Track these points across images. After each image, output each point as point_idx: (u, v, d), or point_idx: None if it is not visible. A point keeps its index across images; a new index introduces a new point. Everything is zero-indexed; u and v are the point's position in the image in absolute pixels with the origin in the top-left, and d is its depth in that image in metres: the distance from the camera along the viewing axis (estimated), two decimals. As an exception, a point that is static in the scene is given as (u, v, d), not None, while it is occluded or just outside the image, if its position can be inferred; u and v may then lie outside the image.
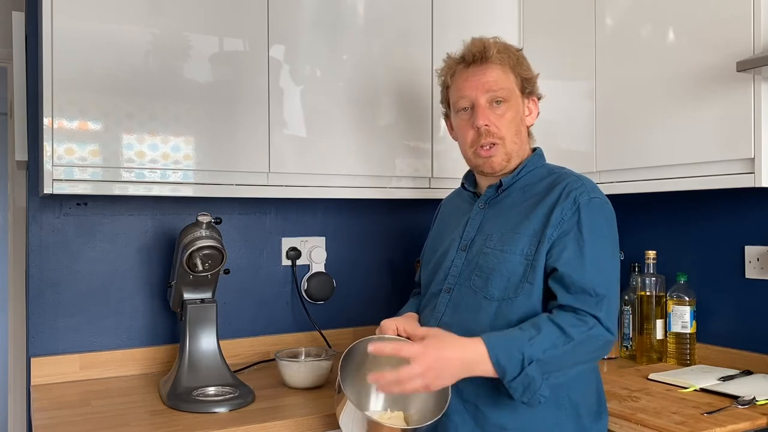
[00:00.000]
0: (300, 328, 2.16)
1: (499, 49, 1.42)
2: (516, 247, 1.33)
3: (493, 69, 1.41)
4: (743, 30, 1.53)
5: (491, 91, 1.40)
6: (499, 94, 1.40)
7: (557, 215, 1.31)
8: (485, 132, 1.40)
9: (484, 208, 1.44)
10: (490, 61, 1.41)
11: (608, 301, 1.28)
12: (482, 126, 1.40)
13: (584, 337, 1.24)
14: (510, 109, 1.41)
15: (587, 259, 1.28)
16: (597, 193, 1.35)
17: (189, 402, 1.57)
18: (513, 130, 1.42)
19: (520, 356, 1.20)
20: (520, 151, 1.44)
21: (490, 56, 1.41)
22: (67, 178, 1.58)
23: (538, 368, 1.21)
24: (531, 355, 1.20)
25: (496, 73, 1.41)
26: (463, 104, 1.43)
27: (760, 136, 1.51)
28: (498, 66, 1.42)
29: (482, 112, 1.40)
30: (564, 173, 1.40)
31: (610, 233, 1.35)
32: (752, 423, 1.43)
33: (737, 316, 1.90)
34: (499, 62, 1.41)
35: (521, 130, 1.44)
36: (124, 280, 1.94)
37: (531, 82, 1.46)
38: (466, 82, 1.43)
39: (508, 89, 1.41)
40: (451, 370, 1.20)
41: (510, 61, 1.43)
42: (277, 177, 1.82)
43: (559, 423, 1.30)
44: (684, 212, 2.05)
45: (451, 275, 1.42)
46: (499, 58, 1.41)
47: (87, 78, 1.59)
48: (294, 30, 1.84)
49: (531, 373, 1.20)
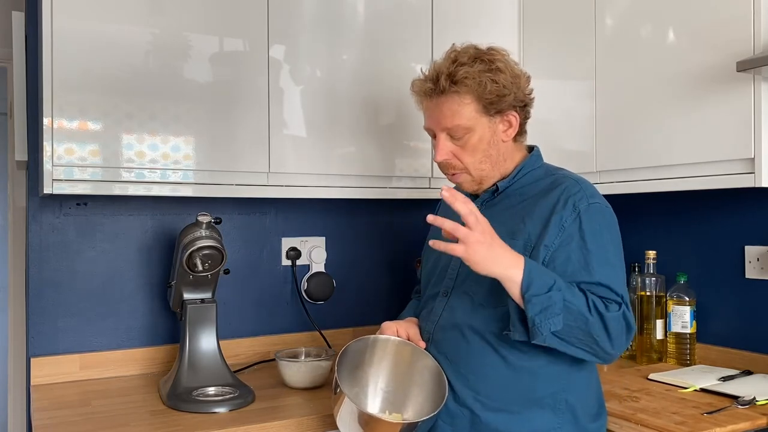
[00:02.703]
0: (300, 328, 2.16)
1: (454, 78, 1.32)
2: None
3: (446, 102, 1.34)
4: (743, 30, 1.53)
5: (446, 128, 1.35)
6: (455, 129, 1.34)
7: (556, 222, 1.28)
8: (444, 164, 1.39)
9: (480, 209, 1.43)
10: (443, 94, 1.34)
11: (625, 299, 1.26)
12: (439, 161, 1.39)
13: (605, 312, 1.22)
14: (472, 137, 1.35)
15: (595, 265, 1.26)
16: (596, 198, 1.32)
17: (189, 402, 1.57)
18: (478, 158, 1.36)
19: (551, 281, 1.20)
20: (494, 170, 1.39)
21: (442, 89, 1.34)
22: (67, 178, 1.58)
23: (562, 301, 1.19)
24: (561, 286, 1.20)
25: (450, 108, 1.34)
26: (429, 132, 1.42)
27: (760, 136, 1.51)
28: (454, 96, 1.33)
29: (441, 146, 1.37)
30: (561, 176, 1.37)
31: (614, 238, 1.32)
32: (752, 423, 1.43)
33: (737, 316, 1.90)
34: (453, 93, 1.33)
35: (490, 153, 1.37)
36: (124, 280, 1.94)
37: (502, 100, 1.34)
38: (426, 112, 1.41)
39: (465, 120, 1.33)
40: (494, 250, 1.19)
41: (469, 88, 1.32)
42: (277, 177, 1.82)
43: (558, 426, 1.30)
44: (684, 212, 2.05)
45: (448, 278, 1.41)
46: (454, 90, 1.32)
47: (87, 78, 1.59)
48: (294, 30, 1.84)
49: (555, 298, 1.18)
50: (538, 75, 1.45)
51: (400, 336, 1.41)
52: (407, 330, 1.42)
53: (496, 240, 1.21)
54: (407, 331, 1.42)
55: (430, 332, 1.40)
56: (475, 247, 1.18)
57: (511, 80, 1.35)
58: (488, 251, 1.19)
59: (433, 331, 1.39)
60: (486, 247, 1.19)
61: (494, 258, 1.19)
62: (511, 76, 1.35)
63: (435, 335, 1.39)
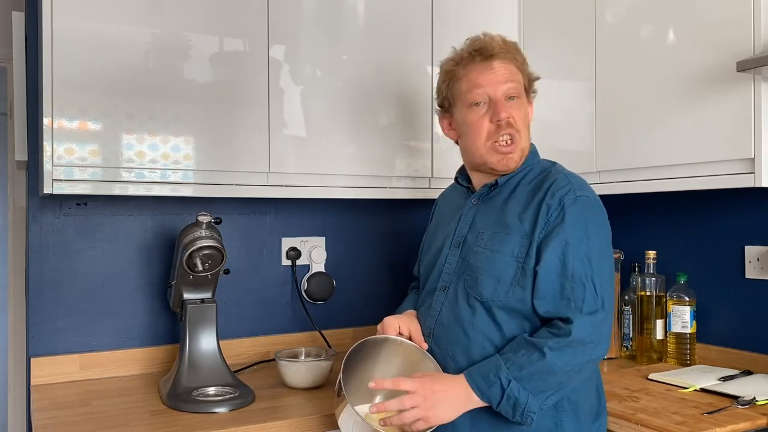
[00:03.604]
0: (300, 328, 2.16)
1: (511, 48, 1.41)
2: (506, 248, 1.32)
3: (507, 64, 1.40)
4: (743, 30, 1.53)
5: (510, 82, 1.38)
6: (515, 90, 1.39)
7: (543, 215, 1.30)
8: (506, 124, 1.37)
9: (477, 204, 1.44)
10: (507, 56, 1.40)
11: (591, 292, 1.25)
12: (505, 118, 1.36)
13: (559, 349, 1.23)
14: (522, 106, 1.41)
15: (570, 259, 1.27)
16: (584, 191, 1.33)
17: (189, 402, 1.57)
18: (526, 126, 1.42)
19: (497, 380, 1.24)
20: (527, 149, 1.43)
21: (508, 51, 1.40)
22: (67, 178, 1.58)
23: (519, 386, 1.22)
24: (508, 375, 1.23)
25: (513, 69, 1.40)
26: (477, 98, 1.38)
27: (760, 136, 1.51)
28: (513, 64, 1.41)
29: (502, 105, 1.38)
30: (553, 171, 1.39)
31: (598, 231, 1.32)
32: (752, 423, 1.43)
33: (737, 316, 1.90)
34: (514, 61, 1.41)
35: (528, 127, 1.44)
36: (124, 280, 1.94)
37: (533, 83, 1.46)
38: (481, 75, 1.38)
39: (521, 86, 1.41)
40: (445, 402, 1.26)
41: (521, 62, 1.43)
42: (277, 177, 1.82)
43: (558, 424, 1.30)
44: (684, 212, 2.05)
45: (446, 273, 1.42)
46: (513, 58, 1.41)
47: (87, 78, 1.59)
48: (294, 30, 1.84)
49: (513, 393, 1.22)
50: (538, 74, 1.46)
51: (402, 333, 1.42)
52: (409, 326, 1.43)
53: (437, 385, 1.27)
54: (409, 328, 1.43)
55: (430, 328, 1.41)
56: (431, 411, 1.25)
57: None
58: (442, 402, 1.25)
59: (433, 327, 1.40)
60: (438, 400, 1.25)
61: (450, 404, 1.26)
62: None
63: (435, 331, 1.40)
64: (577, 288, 1.26)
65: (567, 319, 1.25)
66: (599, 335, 1.27)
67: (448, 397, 1.26)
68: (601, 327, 1.27)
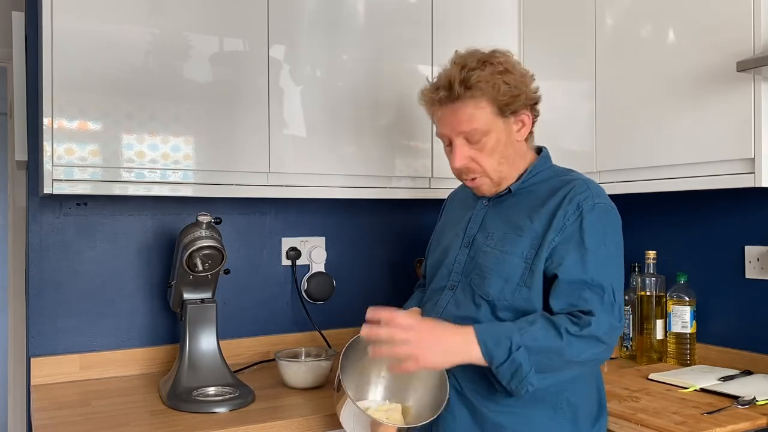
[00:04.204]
0: (300, 328, 2.16)
1: (468, 83, 1.31)
2: (516, 249, 1.32)
3: (462, 108, 1.33)
4: (743, 30, 1.53)
5: (463, 132, 1.34)
6: (472, 133, 1.34)
7: (559, 220, 1.30)
8: (463, 170, 1.38)
9: (488, 205, 1.44)
10: (459, 99, 1.32)
11: (609, 298, 1.26)
12: (456, 168, 1.38)
13: (576, 336, 1.22)
14: (490, 140, 1.34)
15: (589, 265, 1.27)
16: (602, 199, 1.33)
17: (189, 402, 1.57)
18: (495, 160, 1.36)
19: (508, 342, 1.20)
20: (511, 170, 1.40)
21: (457, 96, 1.32)
22: (67, 178, 1.58)
23: (527, 354, 1.20)
24: (519, 341, 1.20)
25: (466, 113, 1.33)
26: (444, 139, 1.40)
27: (760, 136, 1.51)
28: (468, 103, 1.32)
29: (459, 152, 1.35)
30: (571, 177, 1.38)
31: (615, 239, 1.32)
32: (752, 423, 1.43)
33: (737, 316, 1.90)
34: (469, 98, 1.32)
35: (507, 154, 1.37)
36: (124, 280, 1.94)
37: (516, 101, 1.34)
38: (440, 120, 1.38)
39: (482, 123, 1.33)
40: (441, 345, 1.22)
41: (484, 92, 1.31)
42: (277, 177, 1.82)
43: (557, 425, 1.30)
44: (684, 212, 2.05)
45: (455, 272, 1.41)
46: (469, 95, 1.32)
47: (87, 78, 1.59)
48: (294, 30, 1.84)
49: (518, 359, 1.20)
50: (538, 75, 1.45)
51: None
52: None
53: (436, 328, 1.25)
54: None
55: None
56: (423, 351, 1.20)
57: (521, 80, 1.36)
58: (437, 344, 1.22)
59: None
60: (433, 341, 1.22)
61: (446, 348, 1.22)
62: (520, 75, 1.36)
63: None
64: (596, 292, 1.26)
65: (589, 312, 1.24)
66: (611, 339, 1.27)
67: (444, 342, 1.23)
68: (615, 331, 1.27)
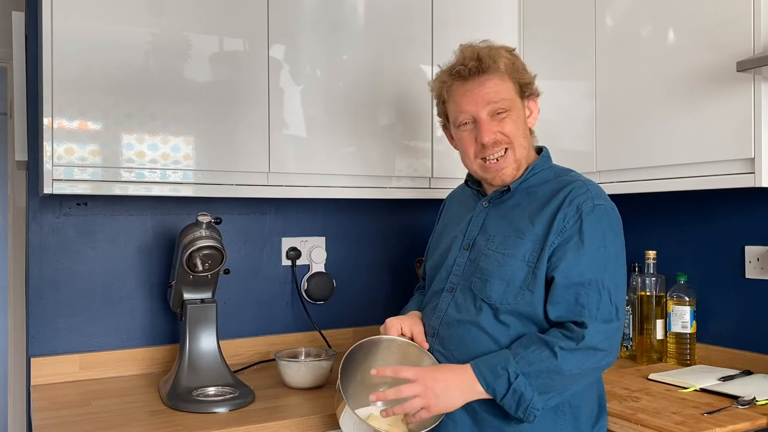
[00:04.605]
0: (300, 328, 2.16)
1: (494, 58, 1.36)
2: (518, 252, 1.32)
3: (491, 80, 1.36)
4: (743, 30, 1.53)
5: (492, 103, 1.35)
6: (501, 105, 1.36)
7: (559, 222, 1.29)
8: (491, 144, 1.36)
9: (488, 207, 1.43)
10: (487, 72, 1.36)
11: (606, 299, 1.26)
12: (488, 142, 1.36)
13: (570, 351, 1.23)
14: (513, 117, 1.37)
15: (587, 266, 1.27)
16: (602, 200, 1.33)
17: (189, 402, 1.57)
18: (520, 134, 1.38)
19: (506, 373, 1.23)
20: (527, 155, 1.41)
21: (486, 67, 1.35)
22: (67, 178, 1.58)
23: (526, 381, 1.22)
24: (516, 370, 1.23)
25: (494, 84, 1.36)
26: (464, 119, 1.39)
27: (760, 136, 1.51)
28: (496, 76, 1.36)
29: (486, 127, 1.36)
30: (570, 177, 1.38)
31: (615, 240, 1.32)
32: (752, 423, 1.43)
33: (737, 316, 1.90)
34: (496, 72, 1.36)
35: (527, 134, 1.41)
36: (124, 280, 1.94)
37: (529, 85, 1.41)
38: (464, 97, 1.38)
39: (508, 99, 1.37)
40: (449, 391, 1.25)
41: (507, 68, 1.37)
42: (277, 177, 1.82)
43: (559, 428, 1.30)
44: (684, 212, 2.05)
45: (454, 274, 1.41)
46: (496, 68, 1.36)
47: (87, 78, 1.59)
48: (294, 30, 1.84)
49: (519, 388, 1.22)
50: (538, 74, 1.45)
51: (405, 334, 1.42)
52: (411, 327, 1.42)
53: (439, 374, 1.27)
54: (411, 329, 1.42)
55: (435, 328, 1.40)
56: (432, 400, 1.24)
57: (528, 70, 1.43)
58: (445, 391, 1.25)
59: (438, 327, 1.40)
60: (440, 389, 1.25)
61: (453, 392, 1.26)
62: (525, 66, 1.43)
63: (440, 331, 1.39)
64: (593, 296, 1.26)
65: (581, 324, 1.25)
66: (611, 344, 1.27)
67: (450, 386, 1.25)
68: (613, 336, 1.27)
